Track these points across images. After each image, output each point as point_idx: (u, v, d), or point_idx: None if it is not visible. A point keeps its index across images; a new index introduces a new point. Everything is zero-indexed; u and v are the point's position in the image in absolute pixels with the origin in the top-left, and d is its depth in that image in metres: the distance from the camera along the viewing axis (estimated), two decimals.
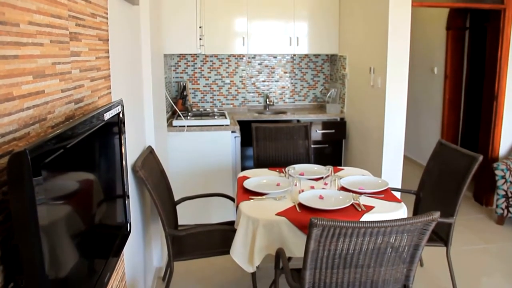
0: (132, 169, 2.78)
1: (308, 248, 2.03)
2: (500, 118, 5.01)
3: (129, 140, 2.53)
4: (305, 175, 3.30)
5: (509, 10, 4.79)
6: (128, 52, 2.75)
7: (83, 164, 1.52)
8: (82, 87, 1.75)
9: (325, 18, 5.59)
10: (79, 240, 1.44)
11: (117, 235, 1.91)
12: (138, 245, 2.88)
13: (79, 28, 1.73)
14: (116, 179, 1.92)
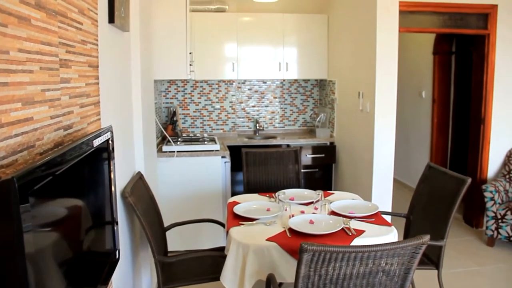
0: (121, 195, 2.76)
1: (299, 273, 2.02)
2: (487, 141, 5.06)
3: (118, 166, 2.52)
4: (295, 200, 3.29)
5: (493, 35, 4.88)
6: (118, 78, 2.77)
7: (72, 190, 1.51)
8: (71, 113, 1.75)
9: (314, 43, 5.67)
10: (66, 268, 1.42)
11: (106, 263, 1.89)
12: (127, 273, 2.84)
13: (69, 55, 1.74)
14: (105, 206, 1.91)
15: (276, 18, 5.57)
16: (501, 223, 4.54)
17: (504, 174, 5.01)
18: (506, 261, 4.39)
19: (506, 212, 4.49)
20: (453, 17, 4.82)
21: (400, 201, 4.88)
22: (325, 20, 5.68)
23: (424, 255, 3.25)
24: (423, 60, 6.54)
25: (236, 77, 5.56)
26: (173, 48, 4.31)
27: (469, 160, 5.33)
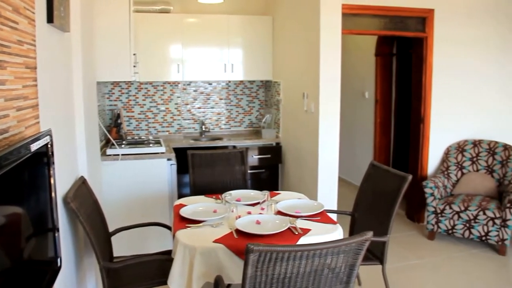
0: (63, 200, 2.68)
1: (246, 274, 2.03)
2: (427, 139, 5.26)
3: (59, 170, 2.45)
4: (242, 201, 3.30)
5: (430, 38, 5.08)
6: (58, 80, 2.69)
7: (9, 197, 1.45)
8: (7, 117, 1.69)
9: (259, 44, 5.71)
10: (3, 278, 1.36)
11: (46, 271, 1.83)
12: (70, 280, 2.76)
13: (4, 55, 1.67)
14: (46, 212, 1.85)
15: (221, 20, 5.57)
16: (441, 217, 4.73)
17: (442, 170, 5.22)
18: (445, 253, 4.59)
19: (445, 207, 4.68)
20: (394, 20, 4.98)
21: (345, 199, 4.99)
22: (269, 22, 5.73)
23: (369, 251, 3.34)
24: (366, 62, 6.72)
25: (181, 79, 5.52)
26: (116, 49, 4.23)
27: (410, 157, 5.52)
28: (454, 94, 5.30)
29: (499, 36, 5.36)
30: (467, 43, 5.26)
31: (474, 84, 5.36)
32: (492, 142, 5.17)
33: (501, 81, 5.46)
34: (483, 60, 5.35)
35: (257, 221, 2.88)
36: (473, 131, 5.42)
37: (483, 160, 5.13)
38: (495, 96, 5.46)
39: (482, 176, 5.05)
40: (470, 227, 4.59)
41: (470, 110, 5.39)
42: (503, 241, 4.48)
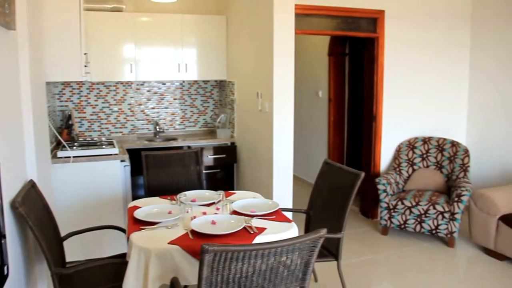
0: (11, 205, 2.59)
1: (202, 274, 2.02)
2: (379, 137, 5.38)
3: (7, 175, 2.37)
4: (197, 201, 3.29)
5: (381, 38, 5.21)
6: (3, 80, 2.59)
7: None
8: None
9: (213, 44, 5.69)
10: None
11: None
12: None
13: None
14: None
15: (174, 19, 5.52)
16: (393, 212, 4.85)
17: (394, 167, 5.36)
18: (398, 247, 4.71)
19: (397, 203, 4.80)
20: (346, 20, 5.07)
21: (301, 197, 5.04)
22: (223, 22, 5.72)
23: (324, 248, 3.39)
24: (319, 61, 6.81)
25: (134, 79, 5.43)
26: (66, 48, 4.11)
27: (363, 155, 5.64)
28: (404, 93, 5.45)
29: (445, 37, 5.56)
30: (416, 44, 5.42)
31: (423, 83, 5.54)
32: (440, 139, 5.35)
33: (446, 81, 5.66)
34: (431, 60, 5.54)
35: (212, 221, 2.88)
36: (423, 128, 5.60)
37: (432, 156, 5.30)
38: (442, 95, 5.66)
39: (431, 172, 5.22)
40: (421, 221, 4.73)
41: (420, 108, 5.56)
42: (452, 233, 4.64)
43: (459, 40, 5.64)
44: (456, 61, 5.67)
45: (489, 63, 5.48)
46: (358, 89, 6.32)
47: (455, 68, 5.68)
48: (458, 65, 5.69)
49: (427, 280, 4.02)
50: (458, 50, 5.66)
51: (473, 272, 4.22)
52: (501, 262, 4.38)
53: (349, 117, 6.68)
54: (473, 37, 5.65)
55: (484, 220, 4.47)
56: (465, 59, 5.71)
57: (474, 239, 4.64)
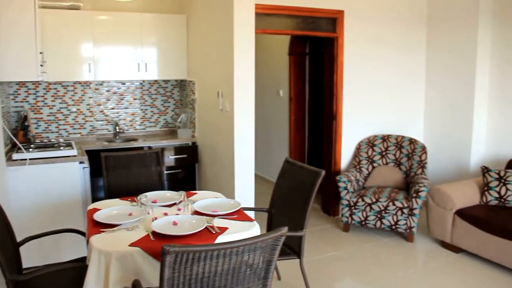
0: None
1: (163, 276, 2.00)
2: (339, 136, 5.46)
3: None
4: (158, 202, 3.25)
5: (341, 38, 5.28)
6: None
7: None
8: None
9: (173, 43, 5.64)
10: None
11: None
12: None
13: None
14: None
15: (134, 18, 5.44)
16: (354, 209, 4.93)
17: (354, 165, 5.44)
18: (360, 243, 4.79)
19: (358, 200, 4.88)
20: (306, 20, 5.12)
21: (263, 196, 5.06)
22: (184, 21, 5.68)
23: (286, 246, 3.41)
24: (280, 61, 6.85)
25: (93, 78, 5.33)
26: (21, 47, 3.99)
27: (324, 153, 5.70)
28: (364, 91, 5.55)
29: (402, 38, 5.69)
30: (375, 44, 5.53)
31: (382, 83, 5.65)
32: (399, 136, 5.46)
33: (404, 80, 5.79)
34: (389, 59, 5.66)
35: (174, 222, 2.85)
36: (382, 126, 5.71)
37: (391, 153, 5.41)
38: (400, 94, 5.79)
39: (391, 169, 5.33)
40: (381, 217, 4.82)
41: (379, 106, 5.67)
42: (411, 228, 4.75)
43: (416, 40, 5.79)
44: (413, 61, 5.82)
45: (444, 63, 5.64)
46: (319, 88, 6.39)
47: (412, 68, 5.83)
48: (415, 65, 5.84)
49: (388, 275, 4.11)
50: (415, 50, 5.81)
51: (431, 265, 4.34)
52: (457, 254, 4.52)
53: (310, 116, 6.74)
54: (429, 37, 5.81)
55: (441, 215, 4.59)
56: (421, 59, 5.86)
57: (432, 233, 4.76)
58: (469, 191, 4.65)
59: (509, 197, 4.45)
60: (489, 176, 4.57)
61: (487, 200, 4.55)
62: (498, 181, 4.51)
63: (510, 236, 4.00)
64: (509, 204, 4.47)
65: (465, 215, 4.41)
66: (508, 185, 4.46)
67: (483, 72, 5.27)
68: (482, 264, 4.29)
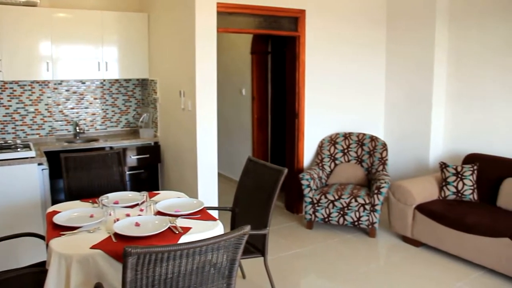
0: None
1: (126, 278, 1.97)
2: (302, 133, 5.50)
3: None
4: (120, 203, 3.20)
5: (303, 37, 5.32)
6: None
7: None
8: None
9: (135, 42, 5.56)
10: None
11: None
12: None
13: None
14: None
15: (94, 16, 5.33)
16: (317, 207, 4.97)
17: (317, 162, 5.50)
18: (323, 240, 4.85)
19: (321, 197, 4.93)
20: (268, 19, 5.13)
21: (227, 195, 5.06)
22: (145, 19, 5.61)
23: (250, 244, 3.42)
24: (242, 60, 6.85)
25: (51, 78, 5.19)
26: None
27: (287, 151, 5.74)
28: (326, 90, 5.60)
29: (362, 37, 5.78)
30: (336, 42, 5.60)
31: (343, 81, 5.73)
32: (360, 134, 5.55)
33: (365, 78, 5.89)
34: (350, 58, 5.74)
35: (136, 223, 2.81)
36: (344, 124, 5.78)
37: (353, 151, 5.49)
38: (361, 92, 5.89)
39: (352, 166, 5.40)
40: (344, 214, 4.88)
41: (341, 104, 5.75)
42: (373, 224, 4.84)
43: (376, 40, 5.89)
44: (373, 60, 5.92)
45: (403, 62, 5.76)
46: (281, 86, 6.43)
47: (373, 67, 5.93)
48: (376, 63, 5.95)
49: (351, 270, 4.17)
50: (376, 49, 5.91)
51: (392, 259, 4.43)
52: (418, 248, 4.63)
53: (273, 115, 6.77)
54: (389, 36, 5.92)
55: (402, 210, 4.69)
56: (382, 58, 5.97)
57: (393, 228, 4.86)
58: (428, 186, 4.76)
59: (466, 191, 4.59)
60: (447, 171, 4.70)
61: (445, 195, 4.67)
62: (456, 176, 4.64)
63: (466, 228, 4.14)
64: (465, 198, 4.60)
65: (424, 210, 4.52)
66: (464, 180, 4.60)
67: (441, 71, 5.41)
68: (441, 256, 4.41)
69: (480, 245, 4.05)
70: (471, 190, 4.59)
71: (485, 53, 5.05)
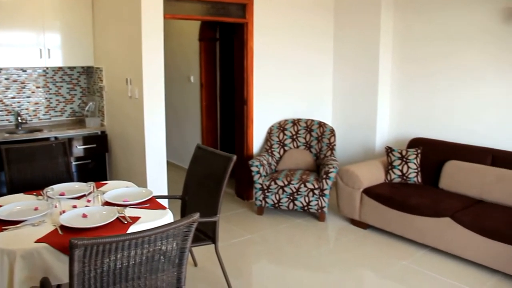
0: None
1: (73, 271, 1.93)
2: (251, 120, 5.51)
3: None
4: (66, 195, 3.12)
5: (251, 24, 5.30)
6: None
7: None
8: None
9: (79, 28, 5.38)
10: None
11: None
12: None
13: None
14: None
15: (34, 0, 5.11)
16: (267, 193, 5.02)
17: (266, 149, 5.54)
18: (274, 226, 4.91)
19: (271, 183, 4.98)
20: (216, 6, 5.08)
21: (177, 183, 5.01)
22: (89, 4, 5.42)
23: (201, 232, 3.42)
24: (190, 46, 6.77)
25: None
26: None
27: (236, 138, 5.75)
28: (274, 76, 5.63)
29: (311, 24, 5.83)
30: (284, 29, 5.63)
31: (292, 68, 5.78)
32: (309, 120, 5.62)
33: (313, 65, 5.96)
34: (299, 45, 5.79)
35: (83, 214, 2.75)
36: (292, 111, 5.84)
37: (302, 137, 5.56)
38: (310, 79, 5.95)
39: (301, 152, 5.48)
40: (293, 199, 4.95)
41: (289, 91, 5.80)
42: (322, 208, 4.93)
43: (324, 27, 5.96)
44: (321, 45, 5.99)
45: (350, 50, 5.86)
46: (230, 73, 6.41)
47: (320, 54, 6.00)
48: (323, 49, 6.02)
49: (302, 253, 4.24)
50: (323, 35, 5.98)
51: (341, 242, 4.54)
52: (365, 230, 4.77)
53: (222, 102, 6.75)
54: (336, 24, 6.01)
55: (349, 194, 4.81)
56: (329, 45, 6.05)
57: (342, 212, 4.98)
58: (375, 170, 4.90)
59: (410, 174, 4.74)
60: (393, 155, 4.84)
61: (391, 178, 4.82)
62: (401, 160, 4.78)
63: (410, 210, 4.30)
64: (410, 181, 4.76)
65: (371, 193, 4.64)
66: (409, 164, 4.75)
67: (386, 59, 5.55)
68: (387, 237, 4.57)
69: (423, 225, 4.21)
70: (415, 173, 4.75)
71: (427, 41, 5.21)
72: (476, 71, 4.81)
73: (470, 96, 4.89)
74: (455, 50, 4.96)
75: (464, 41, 4.87)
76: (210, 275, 3.81)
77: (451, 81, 5.02)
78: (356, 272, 3.92)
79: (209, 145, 6.48)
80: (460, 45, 4.92)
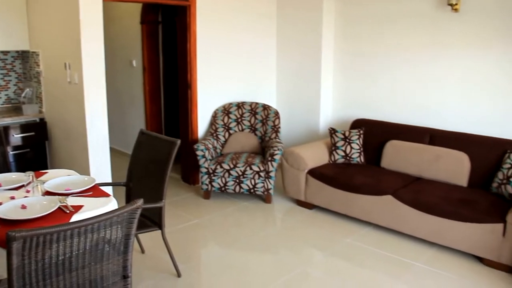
0: None
1: (11, 265, 1.86)
2: (195, 104, 5.47)
3: None
4: (2, 186, 3.00)
5: (193, 6, 5.23)
6: None
7: None
8: None
9: (10, 10, 5.11)
10: None
11: None
12: None
13: None
14: None
15: None
16: (213, 176, 5.01)
17: (211, 132, 5.52)
18: (221, 209, 4.92)
19: (216, 167, 4.97)
20: None
21: (121, 170, 4.92)
22: None
23: (147, 218, 3.39)
24: (132, 30, 6.61)
25: None
26: None
27: (181, 123, 5.69)
28: (218, 60, 5.60)
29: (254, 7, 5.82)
30: (228, 13, 5.59)
31: (236, 51, 5.76)
32: (253, 103, 5.64)
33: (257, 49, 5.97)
34: (242, 28, 5.78)
35: (22, 205, 2.65)
36: (237, 94, 5.84)
37: (246, 120, 5.57)
38: (254, 62, 5.96)
39: (246, 135, 5.50)
40: (239, 182, 4.97)
41: (233, 75, 5.79)
42: (268, 190, 4.99)
43: (267, 10, 5.97)
44: (265, 28, 6.00)
45: (293, 33, 5.91)
46: (173, 57, 6.31)
47: (264, 37, 6.01)
48: (267, 34, 6.04)
49: (249, 235, 4.29)
50: (267, 19, 5.99)
51: (288, 223, 4.62)
52: (311, 210, 4.88)
53: (165, 86, 6.66)
54: (279, 7, 6.02)
55: (295, 175, 4.88)
56: (273, 28, 6.07)
57: (287, 193, 5.05)
58: (319, 151, 4.99)
59: (353, 154, 4.86)
60: (336, 136, 4.94)
61: (335, 159, 4.92)
62: (344, 141, 4.89)
63: (353, 189, 4.43)
64: (353, 161, 4.89)
65: (316, 174, 4.73)
66: (352, 144, 4.87)
67: (329, 40, 5.63)
68: (332, 216, 4.69)
69: (367, 203, 4.35)
70: (358, 153, 4.87)
71: (368, 22, 5.32)
72: (414, 52, 4.97)
73: (409, 77, 5.06)
74: (394, 32, 5.10)
75: (403, 23, 5.01)
76: (157, 261, 3.78)
77: (391, 63, 5.17)
78: (303, 252, 4.00)
79: (154, 130, 6.39)
80: (399, 27, 5.06)
